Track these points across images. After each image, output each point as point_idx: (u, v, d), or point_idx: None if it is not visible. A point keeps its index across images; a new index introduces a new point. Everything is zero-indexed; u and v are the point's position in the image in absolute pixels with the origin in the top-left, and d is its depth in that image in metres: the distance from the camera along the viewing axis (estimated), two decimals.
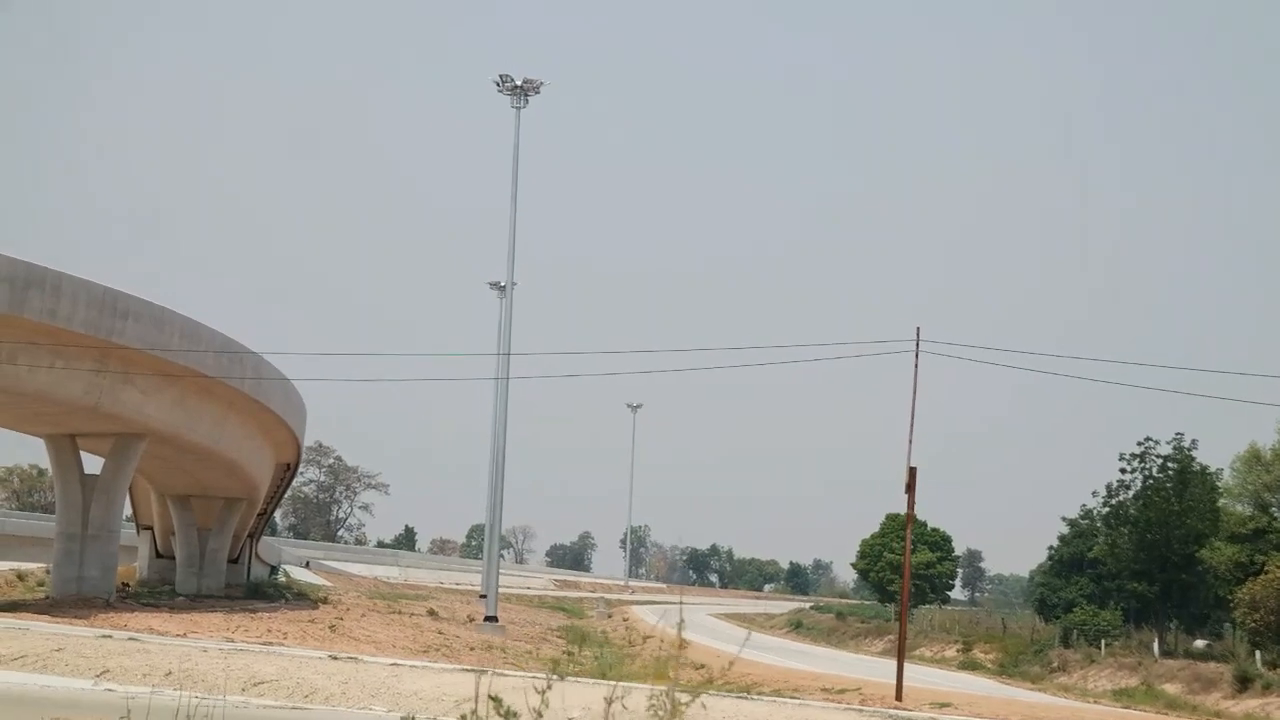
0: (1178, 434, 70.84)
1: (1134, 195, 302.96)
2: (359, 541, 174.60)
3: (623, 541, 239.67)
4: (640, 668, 56.50)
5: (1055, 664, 66.70)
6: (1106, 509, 74.24)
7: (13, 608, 52.85)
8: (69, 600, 52.86)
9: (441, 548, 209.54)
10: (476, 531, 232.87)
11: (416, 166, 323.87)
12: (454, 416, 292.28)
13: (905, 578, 30.64)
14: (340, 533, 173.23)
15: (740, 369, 55.51)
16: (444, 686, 22.13)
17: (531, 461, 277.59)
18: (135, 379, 52.67)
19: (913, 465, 30.07)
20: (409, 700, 21.20)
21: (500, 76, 71.60)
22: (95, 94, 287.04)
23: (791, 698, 29.86)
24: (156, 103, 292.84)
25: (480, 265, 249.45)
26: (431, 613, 77.55)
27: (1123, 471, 72.42)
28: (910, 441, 29.71)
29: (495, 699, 5.55)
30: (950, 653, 79.71)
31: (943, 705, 33.81)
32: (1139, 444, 71.59)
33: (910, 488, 30.35)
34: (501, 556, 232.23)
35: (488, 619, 70.05)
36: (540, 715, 5.65)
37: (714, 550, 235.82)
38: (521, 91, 71.63)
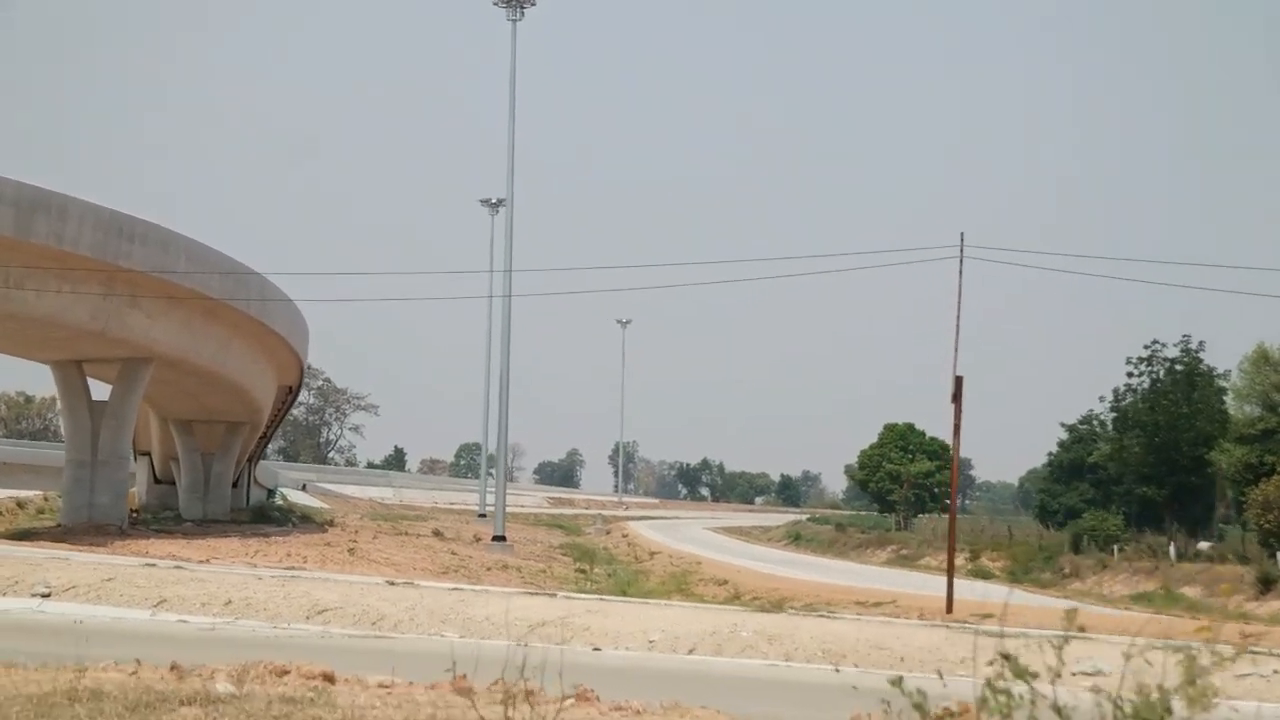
0: (1185, 336, 70.50)
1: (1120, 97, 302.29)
2: (349, 463, 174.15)
3: (612, 457, 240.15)
4: (658, 584, 56.32)
5: (1067, 570, 66.40)
6: (1114, 413, 73.82)
7: (26, 536, 52.33)
8: (81, 528, 52.33)
9: (431, 468, 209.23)
10: (465, 450, 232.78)
11: (409, 79, 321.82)
12: (441, 335, 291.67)
13: (954, 489, 30.11)
14: (331, 454, 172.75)
15: (738, 284, 54.93)
16: (514, 611, 21.45)
17: (518, 378, 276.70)
18: (141, 302, 51.90)
19: (959, 374, 29.54)
20: (481, 625, 20.59)
21: None
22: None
23: (854, 614, 29.29)
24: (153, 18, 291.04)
25: (467, 178, 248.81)
26: (437, 533, 77.19)
27: (1130, 375, 72.07)
28: (956, 350, 29.21)
29: (1008, 657, 4.78)
30: (959, 561, 79.28)
31: (985, 616, 33.42)
32: (1145, 347, 71.32)
33: (957, 397, 29.80)
34: (491, 475, 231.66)
35: (496, 538, 69.55)
36: (1059, 677, 4.87)
37: (705, 464, 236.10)
38: (517, 3, 70.25)
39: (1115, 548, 66.53)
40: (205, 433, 70.17)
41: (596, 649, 18.63)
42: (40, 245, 45.86)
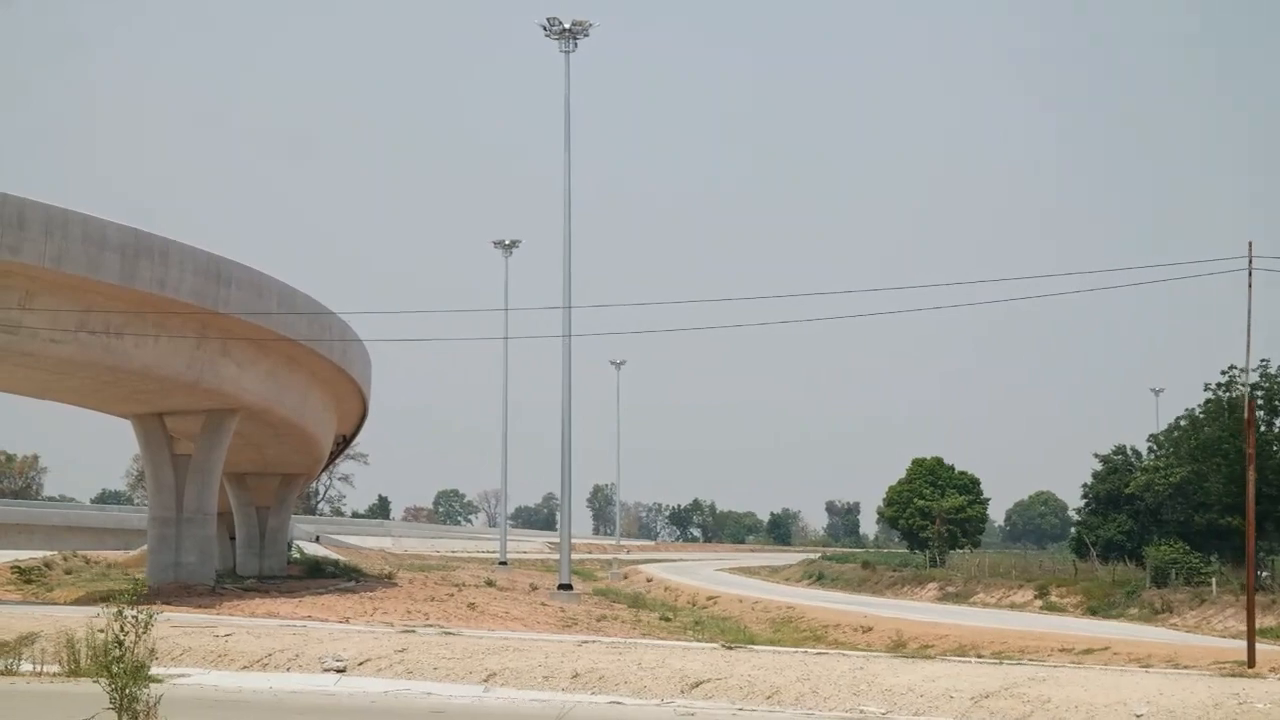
0: (1263, 360, 68.42)
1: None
2: (336, 512, 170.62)
3: (590, 500, 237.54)
4: (771, 634, 53.81)
5: (1158, 605, 64.18)
6: (1194, 443, 71.81)
7: (111, 599, 49.36)
8: (169, 588, 49.60)
9: (415, 515, 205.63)
10: (444, 497, 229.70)
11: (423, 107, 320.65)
12: (413, 380, 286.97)
13: (1250, 518, 27.51)
14: (319, 505, 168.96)
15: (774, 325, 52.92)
16: (938, 680, 18.73)
17: (491, 422, 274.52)
18: (232, 351, 49.46)
19: (1251, 398, 27.45)
20: (905, 698, 18.02)
21: (548, 20, 67.93)
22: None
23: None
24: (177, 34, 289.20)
25: (482, 219, 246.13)
26: (490, 583, 74.42)
27: (1207, 403, 70.28)
28: (1247, 371, 27.19)
29: None
30: (1020, 598, 77.09)
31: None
32: (1223, 372, 69.26)
33: (1249, 422, 27.80)
34: (470, 521, 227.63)
35: (562, 587, 66.98)
36: None
37: (696, 505, 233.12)
38: (570, 35, 68.00)
39: (1214, 581, 64.34)
40: (258, 486, 67.25)
41: None
42: (144, 292, 43.61)
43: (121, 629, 12.98)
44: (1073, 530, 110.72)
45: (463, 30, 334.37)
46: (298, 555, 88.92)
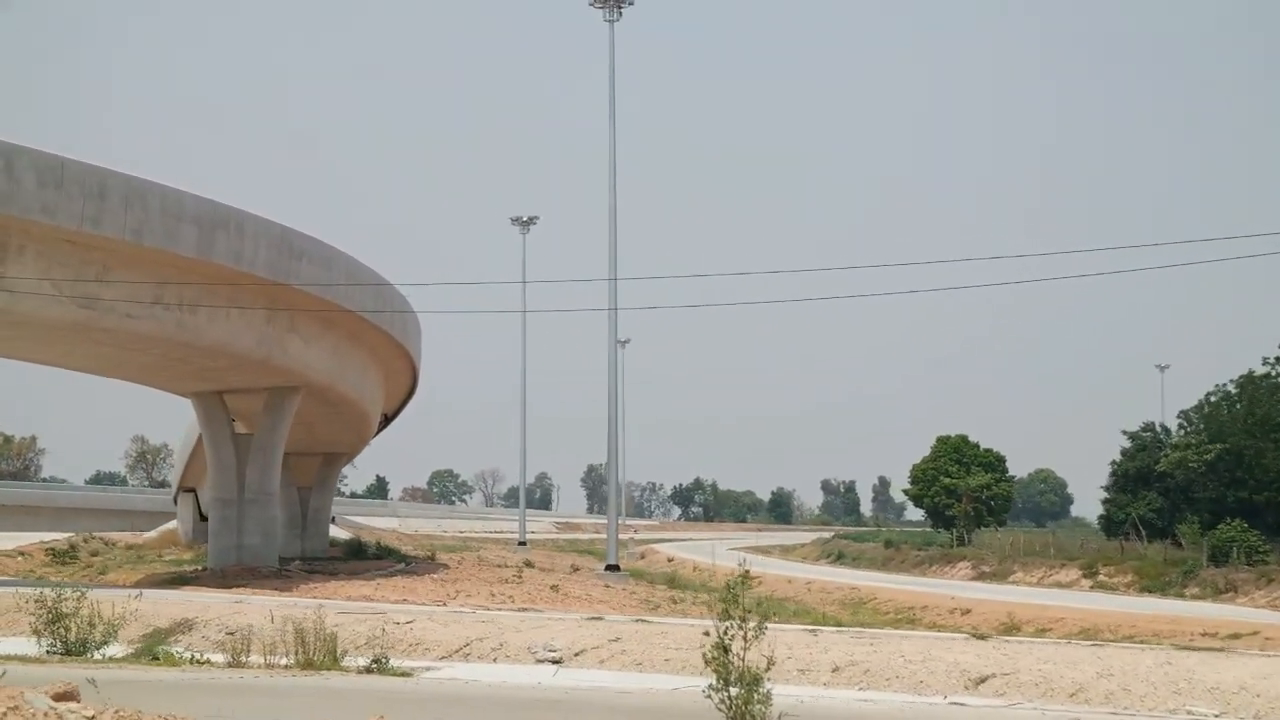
0: None
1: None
2: (336, 493, 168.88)
3: (584, 480, 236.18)
4: (845, 618, 52.30)
5: (1221, 585, 63.02)
6: (1250, 419, 70.72)
7: (180, 582, 47.94)
8: (232, 571, 48.14)
9: (413, 495, 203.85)
10: (438, 477, 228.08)
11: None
12: None
13: None
14: None
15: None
16: (1272, 677, 16.78)
17: (503, 400, 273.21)
18: (299, 327, 47.92)
19: None
20: (1238, 697, 16.21)
21: None
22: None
23: None
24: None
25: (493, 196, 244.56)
26: (528, 564, 72.89)
27: (1268, 375, 69.31)
28: None
29: None
30: (1065, 576, 75.82)
31: None
32: None
33: None
34: (464, 502, 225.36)
35: (609, 567, 65.43)
36: None
37: (698, 484, 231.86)
38: (614, 2, 66.20)
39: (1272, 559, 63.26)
40: (300, 465, 65.45)
41: None
42: (219, 265, 42.03)
43: (726, 633, 11.53)
44: (1090, 507, 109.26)
45: None
46: None
